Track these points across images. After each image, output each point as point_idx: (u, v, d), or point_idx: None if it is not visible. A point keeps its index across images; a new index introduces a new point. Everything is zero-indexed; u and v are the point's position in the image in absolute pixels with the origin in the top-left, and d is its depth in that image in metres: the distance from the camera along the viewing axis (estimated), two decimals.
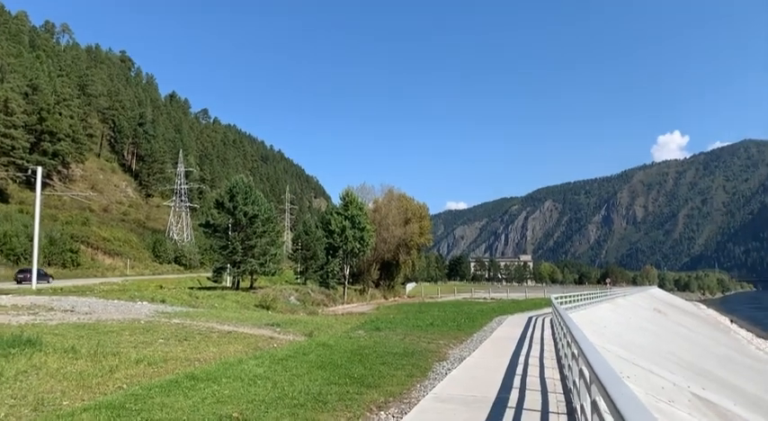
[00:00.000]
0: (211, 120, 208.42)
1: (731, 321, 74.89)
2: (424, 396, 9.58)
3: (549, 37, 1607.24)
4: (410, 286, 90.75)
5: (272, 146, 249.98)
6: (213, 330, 19.25)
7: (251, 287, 51.56)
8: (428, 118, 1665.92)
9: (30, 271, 40.23)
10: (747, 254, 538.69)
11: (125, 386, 9.75)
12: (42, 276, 43.49)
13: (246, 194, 50.61)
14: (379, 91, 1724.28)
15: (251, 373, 11.00)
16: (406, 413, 8.35)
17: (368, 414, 8.40)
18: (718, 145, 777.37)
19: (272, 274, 54.10)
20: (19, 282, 43.98)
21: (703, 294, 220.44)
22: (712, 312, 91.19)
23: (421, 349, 16.07)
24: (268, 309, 40.13)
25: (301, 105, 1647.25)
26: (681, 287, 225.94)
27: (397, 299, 69.68)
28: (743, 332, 60.69)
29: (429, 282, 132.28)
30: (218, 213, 50.87)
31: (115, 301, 29.32)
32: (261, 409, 8.19)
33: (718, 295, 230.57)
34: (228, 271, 52.95)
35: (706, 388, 17.76)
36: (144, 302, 30.49)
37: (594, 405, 4.73)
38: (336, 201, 75.64)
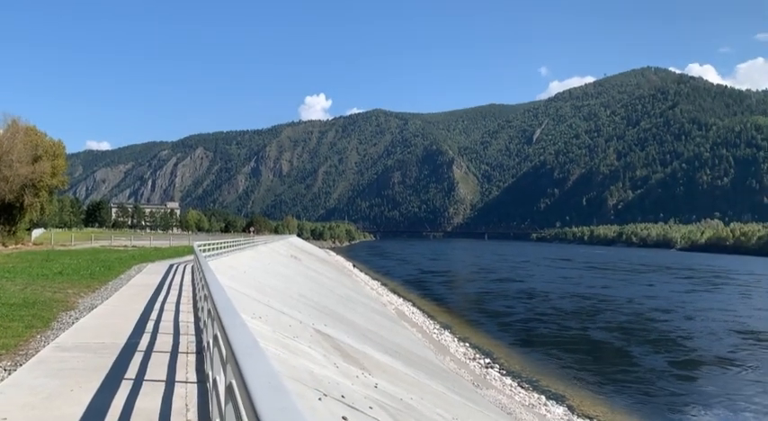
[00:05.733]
0: None
1: (353, 266, 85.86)
2: (44, 346, 8.97)
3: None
4: (37, 232, 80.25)
5: None
6: None
7: None
8: (73, 45, 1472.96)
9: None
10: (371, 208, 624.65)
11: None
12: None
13: None
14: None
15: None
16: (21, 365, 7.73)
17: None
18: (355, 111, 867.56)
19: None
20: None
21: (334, 242, 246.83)
22: (340, 258, 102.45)
23: (45, 299, 14.74)
24: None
25: None
26: (316, 236, 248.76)
27: (20, 246, 60.98)
28: (362, 275, 69.76)
29: (62, 228, 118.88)
30: None
31: None
32: None
33: (346, 243, 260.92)
34: None
35: (327, 324, 20.16)
36: None
37: (216, 338, 5.16)
38: None
